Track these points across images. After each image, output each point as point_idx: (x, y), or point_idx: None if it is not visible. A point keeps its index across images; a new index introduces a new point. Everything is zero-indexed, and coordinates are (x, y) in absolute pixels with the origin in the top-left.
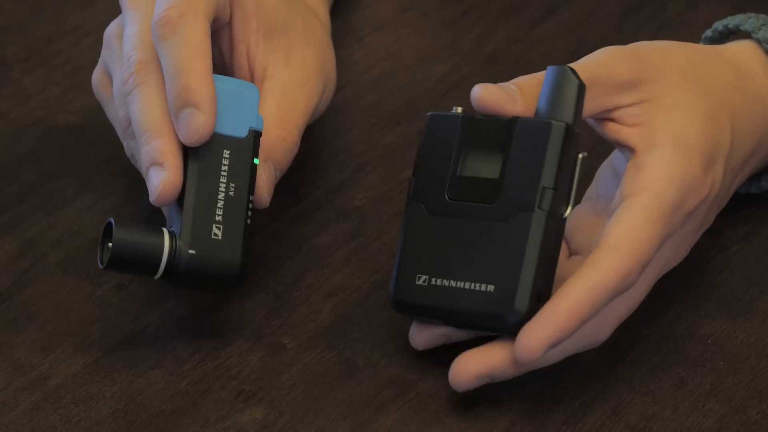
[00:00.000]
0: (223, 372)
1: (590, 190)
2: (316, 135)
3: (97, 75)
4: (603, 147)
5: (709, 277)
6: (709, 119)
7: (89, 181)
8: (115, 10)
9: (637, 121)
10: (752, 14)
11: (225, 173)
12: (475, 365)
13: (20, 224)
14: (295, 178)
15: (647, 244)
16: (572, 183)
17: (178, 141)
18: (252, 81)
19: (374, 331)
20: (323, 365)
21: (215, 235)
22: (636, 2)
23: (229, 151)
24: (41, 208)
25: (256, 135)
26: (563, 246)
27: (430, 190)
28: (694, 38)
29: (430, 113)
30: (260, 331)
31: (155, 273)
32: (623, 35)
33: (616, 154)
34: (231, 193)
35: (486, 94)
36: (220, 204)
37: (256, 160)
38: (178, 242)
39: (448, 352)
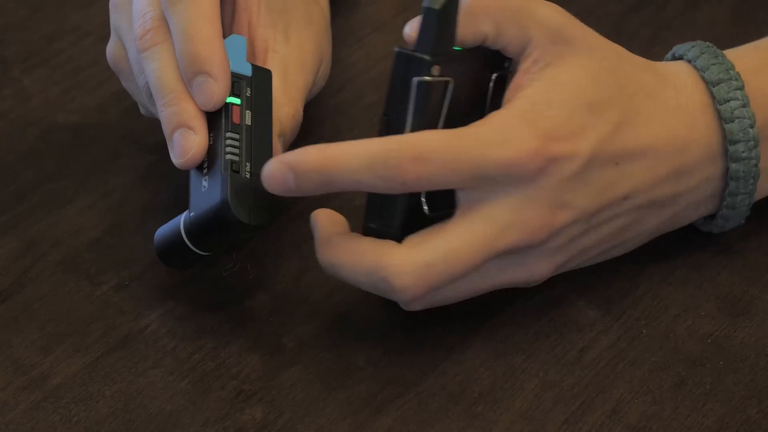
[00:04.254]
0: (223, 372)
1: None
2: (316, 135)
3: (111, 47)
4: None
5: (709, 277)
6: (589, 106)
7: (89, 181)
8: None
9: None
10: (697, 42)
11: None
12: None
13: (20, 224)
14: None
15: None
16: (408, 108)
17: None
18: (252, 53)
19: (374, 330)
20: (323, 365)
21: (204, 187)
22: (636, 2)
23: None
24: (41, 208)
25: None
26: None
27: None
28: (694, 38)
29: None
30: (260, 331)
31: (194, 252)
32: (623, 35)
33: None
34: (211, 143)
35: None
36: (205, 163)
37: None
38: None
39: (449, 353)
